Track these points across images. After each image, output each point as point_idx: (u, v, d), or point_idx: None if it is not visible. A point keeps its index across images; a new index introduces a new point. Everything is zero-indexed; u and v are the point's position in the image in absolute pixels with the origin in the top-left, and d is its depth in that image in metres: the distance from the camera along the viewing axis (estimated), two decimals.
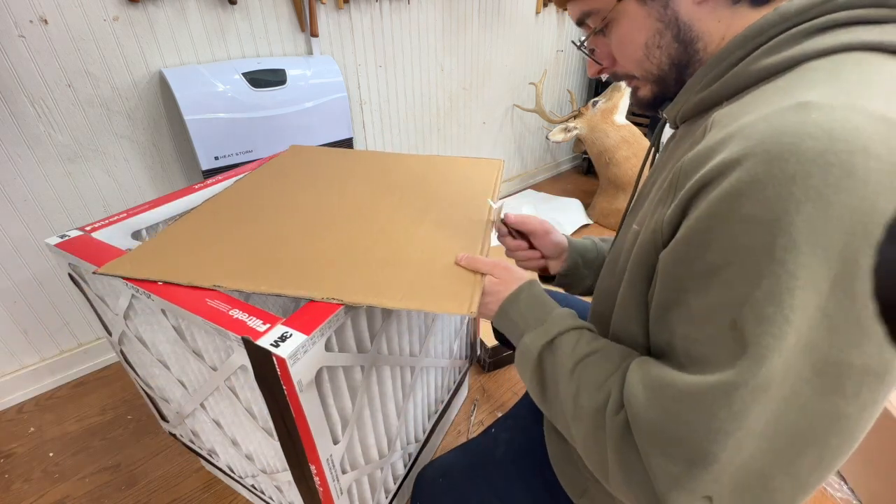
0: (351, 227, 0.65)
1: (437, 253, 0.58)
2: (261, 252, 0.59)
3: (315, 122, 1.29)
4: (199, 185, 0.83)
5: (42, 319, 1.16)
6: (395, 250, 0.59)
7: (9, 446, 1.07)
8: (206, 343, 0.55)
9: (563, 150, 2.64)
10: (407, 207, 0.71)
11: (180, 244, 0.62)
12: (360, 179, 0.82)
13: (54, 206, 1.08)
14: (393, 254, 0.58)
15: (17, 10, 0.90)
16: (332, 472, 0.56)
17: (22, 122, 0.98)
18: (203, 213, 0.71)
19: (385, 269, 0.55)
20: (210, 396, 0.65)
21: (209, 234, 0.65)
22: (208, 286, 0.53)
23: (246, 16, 1.19)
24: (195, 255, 0.59)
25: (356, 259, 0.57)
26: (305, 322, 0.47)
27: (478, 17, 1.76)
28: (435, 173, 0.84)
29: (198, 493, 0.97)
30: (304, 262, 0.57)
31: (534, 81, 2.11)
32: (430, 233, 0.63)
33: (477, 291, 0.51)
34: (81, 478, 1.00)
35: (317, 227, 0.65)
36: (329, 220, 0.67)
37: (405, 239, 0.62)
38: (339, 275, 0.54)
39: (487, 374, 1.27)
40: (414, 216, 0.68)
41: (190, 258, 0.58)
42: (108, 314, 0.70)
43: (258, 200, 0.75)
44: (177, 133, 1.19)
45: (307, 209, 0.71)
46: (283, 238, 0.63)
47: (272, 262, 0.57)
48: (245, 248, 0.60)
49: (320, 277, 0.53)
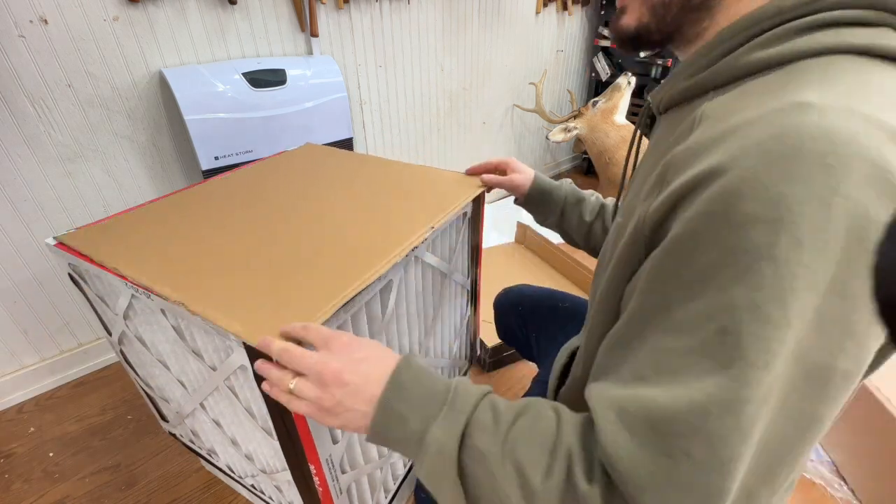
0: (271, 234, 0.64)
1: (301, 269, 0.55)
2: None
3: (315, 122, 1.29)
4: (198, 185, 0.83)
5: (42, 319, 1.16)
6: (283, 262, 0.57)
7: (9, 446, 1.07)
8: (205, 343, 0.55)
9: (564, 150, 2.64)
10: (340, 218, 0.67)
11: (139, 231, 0.65)
12: (327, 185, 0.80)
13: (54, 206, 1.08)
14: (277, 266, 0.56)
15: (17, 10, 0.90)
16: (332, 472, 0.56)
17: (22, 122, 0.98)
18: (168, 204, 0.73)
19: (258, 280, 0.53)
20: (210, 396, 0.65)
21: (161, 227, 0.67)
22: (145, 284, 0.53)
23: (246, 16, 1.20)
24: (144, 245, 0.61)
25: (245, 269, 0.56)
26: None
27: (478, 17, 1.76)
28: (398, 184, 0.79)
29: (198, 493, 0.97)
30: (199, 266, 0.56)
31: (534, 81, 2.11)
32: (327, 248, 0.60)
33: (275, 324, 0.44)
34: (81, 478, 1.00)
35: (231, 235, 0.64)
36: (250, 229, 0.65)
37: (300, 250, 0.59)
38: (215, 283, 0.53)
39: (488, 374, 1.27)
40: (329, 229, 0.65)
41: (139, 248, 0.61)
42: (107, 314, 0.70)
43: (216, 203, 0.75)
44: (177, 133, 1.19)
45: (243, 217, 0.69)
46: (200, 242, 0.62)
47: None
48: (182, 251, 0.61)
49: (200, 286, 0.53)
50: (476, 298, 0.97)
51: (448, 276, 0.79)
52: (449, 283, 0.81)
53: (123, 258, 0.58)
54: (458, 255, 0.81)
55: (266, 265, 0.56)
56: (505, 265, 1.61)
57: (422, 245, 0.63)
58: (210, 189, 0.79)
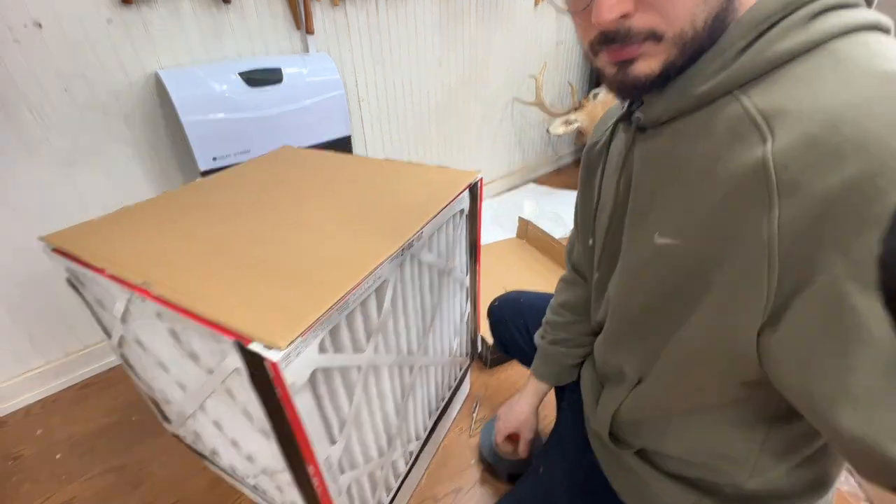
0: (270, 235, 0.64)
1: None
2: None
3: (313, 121, 1.29)
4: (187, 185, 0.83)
5: (46, 323, 1.17)
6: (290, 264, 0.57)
7: (17, 448, 1.08)
8: (201, 346, 0.55)
9: (565, 143, 2.62)
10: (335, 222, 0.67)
11: (129, 228, 0.66)
12: (311, 186, 0.79)
13: (55, 211, 1.08)
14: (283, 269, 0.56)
15: (9, 15, 0.90)
16: (331, 473, 0.56)
17: (20, 127, 0.98)
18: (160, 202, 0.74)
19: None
20: (208, 399, 0.65)
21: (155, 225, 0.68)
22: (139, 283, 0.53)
23: (240, 15, 1.19)
24: (137, 244, 0.62)
25: (245, 272, 0.55)
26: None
27: (475, 11, 1.75)
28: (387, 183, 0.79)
29: (202, 493, 0.97)
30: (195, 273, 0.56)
31: (534, 74, 2.09)
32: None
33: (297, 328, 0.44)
34: (88, 478, 1.01)
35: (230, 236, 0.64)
36: (246, 230, 0.65)
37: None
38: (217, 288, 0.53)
39: (489, 371, 1.26)
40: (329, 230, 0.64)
41: (131, 247, 0.61)
42: (106, 318, 0.71)
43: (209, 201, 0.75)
44: (174, 134, 1.19)
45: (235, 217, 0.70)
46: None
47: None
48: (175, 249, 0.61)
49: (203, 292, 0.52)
50: (476, 295, 0.96)
51: (446, 273, 0.78)
52: (447, 281, 0.80)
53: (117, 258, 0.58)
54: (455, 251, 0.80)
55: (252, 269, 0.56)
56: (506, 261, 1.61)
57: (417, 243, 0.63)
58: (196, 190, 0.79)
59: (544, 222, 1.84)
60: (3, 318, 1.10)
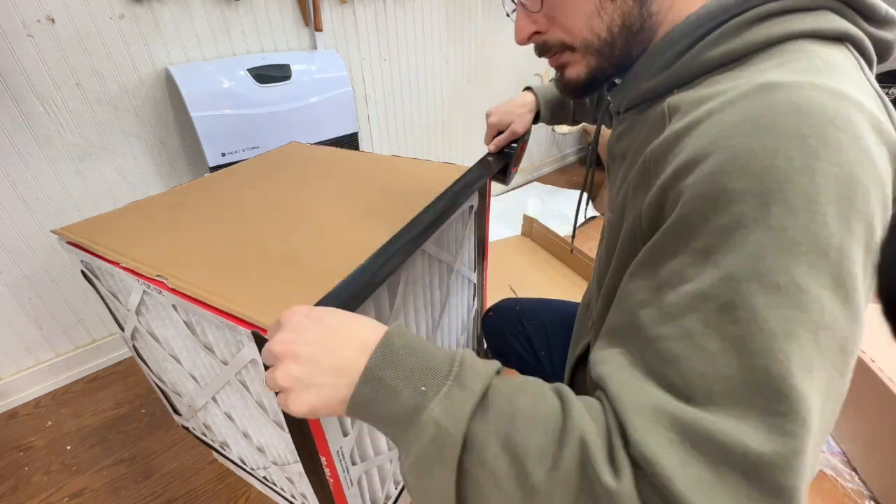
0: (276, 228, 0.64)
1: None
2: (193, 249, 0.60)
3: (320, 117, 1.29)
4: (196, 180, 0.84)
5: (56, 316, 1.18)
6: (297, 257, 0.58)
7: (28, 439, 1.10)
8: (216, 338, 0.56)
9: (569, 141, 2.62)
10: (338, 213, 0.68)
11: (141, 222, 0.66)
12: (320, 183, 0.80)
13: (66, 204, 1.09)
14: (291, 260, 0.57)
15: (24, 10, 0.91)
16: (342, 464, 0.57)
17: (33, 121, 0.99)
18: (169, 197, 0.75)
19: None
20: (221, 390, 0.66)
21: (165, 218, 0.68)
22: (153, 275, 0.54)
23: (250, 11, 1.19)
24: (151, 238, 0.62)
25: (258, 265, 0.56)
26: None
27: (482, 8, 1.75)
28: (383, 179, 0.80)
29: (211, 485, 0.98)
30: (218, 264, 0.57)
31: (539, 72, 2.09)
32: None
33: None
34: (98, 470, 1.02)
35: (243, 230, 0.65)
36: (253, 223, 0.66)
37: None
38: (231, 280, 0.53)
39: None
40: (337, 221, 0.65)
41: (145, 240, 0.62)
42: (120, 310, 0.71)
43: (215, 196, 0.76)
44: (183, 130, 1.20)
45: (244, 210, 0.70)
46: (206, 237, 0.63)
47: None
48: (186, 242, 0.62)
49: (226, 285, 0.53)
50: (483, 292, 0.97)
51: (455, 269, 0.79)
52: (456, 277, 0.81)
53: (132, 251, 0.59)
54: (464, 248, 0.81)
55: (264, 261, 0.56)
56: (511, 258, 1.61)
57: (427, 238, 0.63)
58: (206, 185, 0.80)
59: (549, 220, 1.84)
60: (13, 311, 1.11)
